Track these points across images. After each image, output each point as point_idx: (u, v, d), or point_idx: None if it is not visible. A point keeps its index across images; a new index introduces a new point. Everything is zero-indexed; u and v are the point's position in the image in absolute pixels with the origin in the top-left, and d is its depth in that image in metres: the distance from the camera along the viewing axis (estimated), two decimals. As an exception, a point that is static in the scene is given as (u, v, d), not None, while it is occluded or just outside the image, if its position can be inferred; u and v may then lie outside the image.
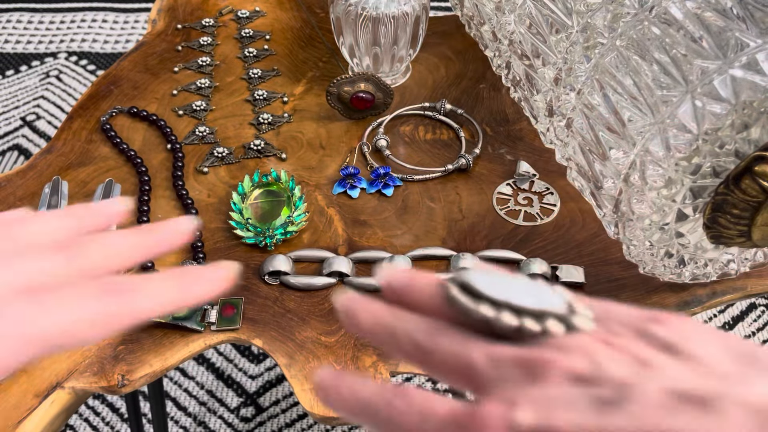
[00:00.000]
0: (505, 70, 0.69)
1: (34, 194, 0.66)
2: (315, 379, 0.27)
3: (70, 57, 1.82)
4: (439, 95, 0.76)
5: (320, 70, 0.80)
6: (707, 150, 0.46)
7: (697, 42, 0.47)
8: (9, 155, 1.61)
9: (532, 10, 0.61)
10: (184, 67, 0.80)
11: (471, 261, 0.59)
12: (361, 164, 0.69)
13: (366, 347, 0.55)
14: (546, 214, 0.64)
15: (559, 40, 0.58)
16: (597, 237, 0.62)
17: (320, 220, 0.64)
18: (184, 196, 0.65)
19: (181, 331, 0.56)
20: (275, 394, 1.23)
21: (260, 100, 0.76)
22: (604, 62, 0.52)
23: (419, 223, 0.64)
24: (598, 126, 0.53)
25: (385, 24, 0.70)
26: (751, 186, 0.46)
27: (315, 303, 0.58)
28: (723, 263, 0.55)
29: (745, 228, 0.49)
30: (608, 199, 0.53)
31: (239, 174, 0.68)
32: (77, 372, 0.53)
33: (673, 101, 0.46)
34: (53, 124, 1.67)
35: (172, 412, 1.21)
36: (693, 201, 0.49)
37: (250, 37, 0.84)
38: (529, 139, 0.71)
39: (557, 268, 0.59)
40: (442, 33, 0.84)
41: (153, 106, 0.75)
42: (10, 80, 1.77)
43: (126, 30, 1.91)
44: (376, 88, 0.70)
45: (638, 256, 0.54)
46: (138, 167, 0.68)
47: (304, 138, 0.72)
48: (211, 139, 0.71)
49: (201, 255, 0.60)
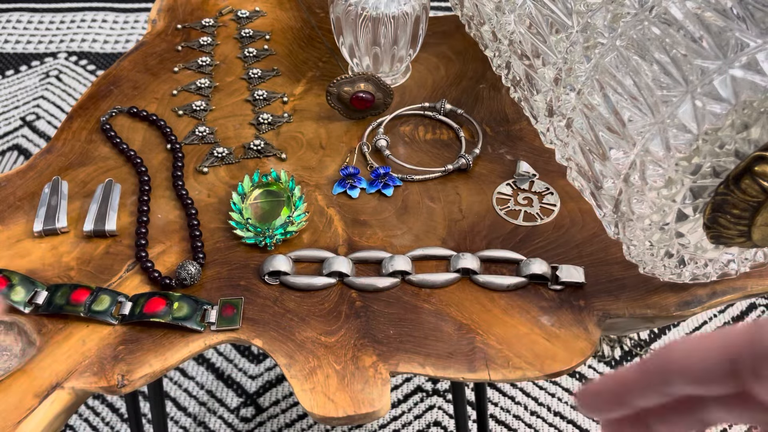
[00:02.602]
0: (505, 70, 0.69)
1: (34, 194, 0.66)
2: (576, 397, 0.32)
3: (70, 57, 1.82)
4: (439, 95, 0.76)
5: (320, 70, 0.80)
6: (707, 150, 0.46)
7: (697, 42, 0.47)
8: (9, 155, 1.61)
9: (532, 10, 0.61)
10: (184, 67, 0.80)
11: (471, 261, 0.59)
12: (361, 164, 0.69)
13: (365, 347, 0.55)
14: (546, 214, 0.64)
15: (559, 40, 0.58)
16: (597, 237, 0.62)
17: (320, 220, 0.64)
18: (184, 196, 0.65)
19: (181, 331, 0.56)
20: (275, 394, 1.23)
21: (260, 100, 0.76)
22: (604, 62, 0.52)
23: (419, 223, 0.64)
24: (598, 126, 0.53)
25: (385, 24, 0.70)
26: (751, 186, 0.46)
27: (315, 303, 0.58)
28: (723, 263, 0.55)
29: (745, 228, 0.49)
30: (608, 199, 0.53)
31: (239, 174, 0.68)
32: (77, 372, 0.53)
33: (673, 101, 0.46)
34: (53, 124, 1.67)
35: (172, 412, 1.21)
36: (693, 201, 0.49)
37: (250, 37, 0.84)
38: (529, 139, 0.71)
39: (557, 268, 0.59)
40: (442, 33, 0.84)
41: (153, 106, 0.75)
42: (10, 80, 1.77)
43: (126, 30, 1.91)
44: (376, 88, 0.70)
45: (638, 256, 0.54)
46: (138, 167, 0.68)
47: (304, 138, 0.72)
48: (211, 139, 0.71)
49: (201, 255, 0.60)
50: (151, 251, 0.61)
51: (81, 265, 0.60)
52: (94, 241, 0.62)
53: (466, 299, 0.58)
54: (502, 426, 1.19)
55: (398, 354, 0.54)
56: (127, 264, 0.61)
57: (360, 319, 0.57)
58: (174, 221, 0.64)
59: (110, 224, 0.62)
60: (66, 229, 0.63)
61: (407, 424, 1.19)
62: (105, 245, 0.62)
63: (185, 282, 0.58)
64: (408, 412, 1.21)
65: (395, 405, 1.21)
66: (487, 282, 0.58)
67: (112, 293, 0.57)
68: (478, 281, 0.58)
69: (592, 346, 0.54)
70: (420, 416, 1.20)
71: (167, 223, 0.64)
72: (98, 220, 0.62)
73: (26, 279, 0.58)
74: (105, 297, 0.57)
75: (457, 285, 0.59)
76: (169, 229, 0.63)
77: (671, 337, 1.29)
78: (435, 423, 1.19)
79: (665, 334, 1.30)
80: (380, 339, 0.55)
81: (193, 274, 0.58)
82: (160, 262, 0.61)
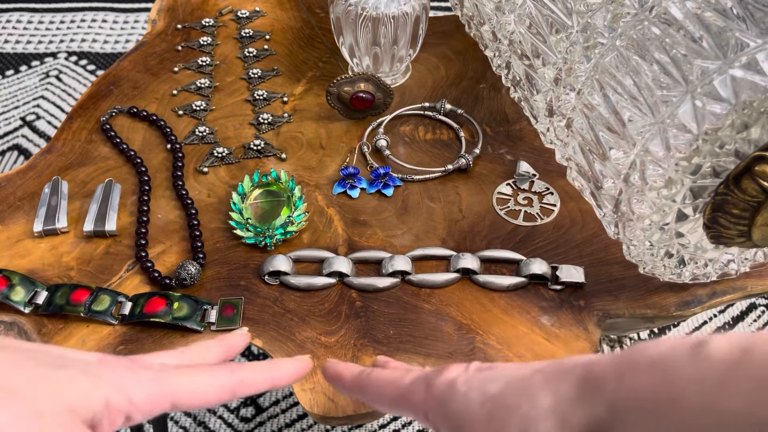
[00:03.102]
0: (505, 70, 0.68)
1: (34, 194, 0.66)
2: (323, 367, 0.42)
3: (70, 57, 1.82)
4: (439, 95, 0.76)
5: (320, 70, 0.80)
6: (707, 150, 0.46)
7: (697, 42, 0.47)
8: (9, 155, 1.61)
9: (532, 10, 0.61)
10: (184, 67, 0.80)
11: (471, 261, 0.59)
12: (361, 164, 0.69)
13: (365, 347, 0.55)
14: (546, 214, 0.64)
15: (559, 40, 0.58)
16: (597, 237, 0.62)
17: (320, 220, 0.64)
18: (184, 196, 0.65)
19: (181, 331, 0.56)
20: (275, 394, 1.23)
21: (260, 100, 0.76)
22: (604, 62, 0.52)
23: (419, 223, 0.64)
24: (598, 126, 0.53)
25: (385, 24, 0.70)
26: (751, 186, 0.46)
27: (315, 303, 0.58)
28: (723, 263, 0.55)
29: (745, 228, 0.49)
30: (608, 199, 0.53)
31: (239, 174, 0.68)
32: (77, 372, 0.53)
33: (673, 101, 0.46)
34: (53, 124, 1.67)
35: (172, 412, 1.21)
36: (693, 201, 0.49)
37: (250, 37, 0.84)
38: (529, 139, 0.71)
39: (557, 268, 0.59)
40: (442, 33, 0.84)
41: (153, 106, 0.75)
42: (10, 80, 1.77)
43: (126, 30, 1.91)
44: (376, 88, 0.70)
45: (638, 256, 0.54)
46: (138, 167, 0.68)
47: (304, 138, 0.72)
48: (211, 139, 0.71)
49: (201, 255, 0.60)
50: (151, 251, 0.61)
51: (81, 265, 0.60)
52: (94, 241, 0.62)
53: (466, 299, 0.58)
54: (502, 426, 1.19)
55: (398, 354, 0.54)
56: (127, 264, 0.61)
57: (360, 319, 0.57)
58: (174, 221, 0.64)
59: (110, 224, 0.62)
60: (66, 229, 0.63)
61: (407, 424, 1.19)
62: (105, 245, 0.62)
63: (185, 282, 0.58)
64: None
65: (395, 405, 1.21)
66: (487, 282, 0.58)
67: (112, 293, 0.57)
68: (478, 281, 0.58)
69: (592, 346, 0.54)
70: (420, 416, 1.20)
71: (167, 223, 0.64)
72: (98, 220, 0.62)
73: (26, 279, 0.57)
74: (105, 297, 0.57)
75: (457, 285, 0.59)
76: (169, 229, 0.63)
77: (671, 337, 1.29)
78: (435, 423, 1.19)
79: (665, 334, 1.30)
80: (380, 339, 0.55)
81: (193, 274, 0.58)
82: (160, 262, 0.61)
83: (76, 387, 0.31)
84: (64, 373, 0.31)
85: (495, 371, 0.35)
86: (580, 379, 0.31)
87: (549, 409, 0.31)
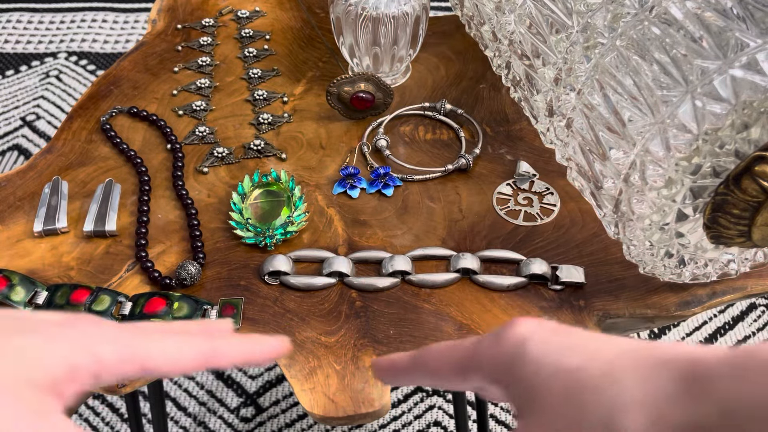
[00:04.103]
0: (505, 70, 0.69)
1: (34, 194, 0.66)
2: (373, 367, 0.39)
3: (70, 57, 1.82)
4: (439, 95, 0.76)
5: (320, 70, 0.80)
6: (707, 150, 0.46)
7: (697, 42, 0.47)
8: (9, 155, 1.61)
9: (532, 10, 0.61)
10: (184, 67, 0.80)
11: (471, 261, 0.59)
12: (361, 164, 0.69)
13: (365, 347, 0.55)
14: (546, 214, 0.64)
15: (559, 40, 0.58)
16: (597, 237, 0.62)
17: (320, 220, 0.64)
18: (184, 196, 0.65)
19: (181, 331, 0.56)
20: (275, 394, 1.23)
21: (260, 100, 0.76)
22: (604, 62, 0.52)
23: (419, 223, 0.64)
24: (598, 126, 0.53)
25: (385, 24, 0.70)
26: (751, 186, 0.46)
27: (315, 303, 0.58)
28: (723, 263, 0.55)
29: (745, 228, 0.49)
30: (608, 199, 0.53)
31: (239, 174, 0.68)
32: (77, 372, 0.53)
33: (673, 101, 0.46)
34: (53, 124, 1.67)
35: (172, 412, 1.21)
36: (693, 201, 0.49)
37: (250, 37, 0.84)
38: (529, 139, 0.71)
39: (557, 268, 0.59)
40: (442, 33, 0.84)
41: (153, 106, 0.75)
42: (10, 80, 1.77)
43: (126, 30, 1.91)
44: (376, 88, 0.70)
45: (638, 256, 0.54)
46: (138, 167, 0.68)
47: (304, 138, 0.72)
48: (211, 139, 0.71)
49: (201, 255, 0.60)
50: (151, 251, 0.61)
51: (81, 265, 0.60)
52: (94, 241, 0.62)
53: (466, 299, 0.58)
54: (502, 426, 1.19)
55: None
56: (127, 264, 0.61)
57: (360, 319, 0.57)
58: (174, 221, 0.64)
59: (110, 224, 0.62)
60: (66, 229, 0.63)
61: (407, 424, 1.19)
62: (105, 245, 0.62)
63: (185, 282, 0.58)
64: (408, 412, 1.21)
65: (395, 405, 1.21)
66: (487, 282, 0.58)
67: (112, 293, 0.57)
68: (478, 281, 0.59)
69: (592, 346, 0.54)
70: (420, 416, 1.20)
71: (167, 223, 0.64)
72: (98, 220, 0.62)
73: (26, 279, 0.58)
74: (105, 297, 0.57)
75: (457, 285, 0.59)
76: (169, 229, 0.63)
77: (671, 337, 1.30)
78: (435, 423, 1.19)
79: (665, 334, 1.30)
80: (380, 339, 0.55)
81: (193, 274, 0.58)
82: (160, 262, 0.61)
83: (33, 355, 0.29)
84: (20, 341, 0.30)
85: (572, 338, 0.32)
86: (684, 373, 0.28)
87: (640, 401, 0.28)
